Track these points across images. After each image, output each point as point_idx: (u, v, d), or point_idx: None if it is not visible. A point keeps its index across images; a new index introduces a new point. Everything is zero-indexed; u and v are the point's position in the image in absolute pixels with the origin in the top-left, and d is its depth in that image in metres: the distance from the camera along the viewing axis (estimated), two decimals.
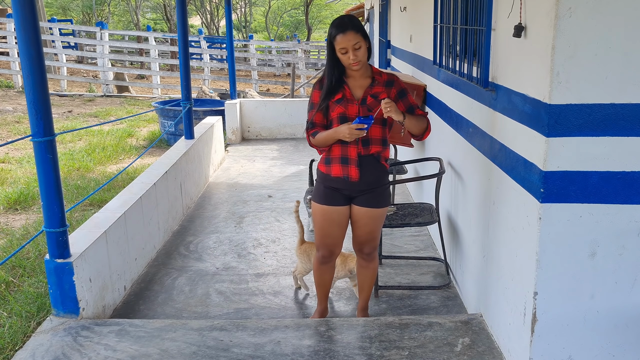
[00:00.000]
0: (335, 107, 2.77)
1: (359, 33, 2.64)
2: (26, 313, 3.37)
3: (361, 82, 2.80)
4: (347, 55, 2.66)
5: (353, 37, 2.63)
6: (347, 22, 2.66)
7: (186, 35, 5.51)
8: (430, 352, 2.68)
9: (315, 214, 2.93)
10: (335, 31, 2.65)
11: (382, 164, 2.86)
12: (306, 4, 30.53)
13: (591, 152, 2.15)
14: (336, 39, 2.65)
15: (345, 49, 2.64)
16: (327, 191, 2.86)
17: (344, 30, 2.63)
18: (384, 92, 2.78)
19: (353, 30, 2.64)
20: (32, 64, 2.67)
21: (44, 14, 18.07)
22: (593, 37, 2.04)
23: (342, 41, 2.63)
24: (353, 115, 2.76)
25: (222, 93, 12.38)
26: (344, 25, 2.65)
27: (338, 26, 2.65)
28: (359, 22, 2.70)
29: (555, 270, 2.27)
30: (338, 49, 2.66)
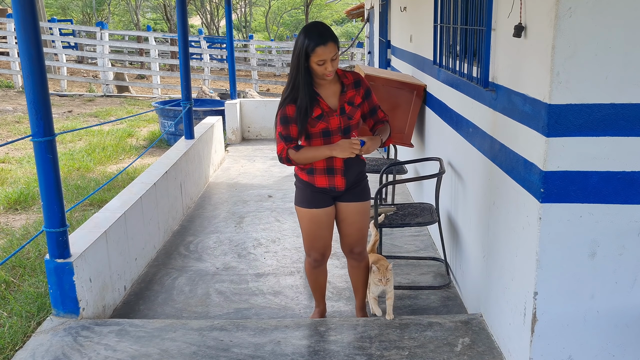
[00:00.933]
0: (317, 123, 2.71)
1: (335, 43, 2.58)
2: (26, 313, 3.37)
3: (332, 89, 2.75)
4: (323, 67, 2.58)
5: (333, 48, 2.56)
6: (326, 33, 2.57)
7: (186, 35, 5.51)
8: (430, 352, 2.68)
9: (303, 218, 2.89)
10: (314, 42, 2.54)
11: (361, 159, 2.87)
12: (306, 4, 30.52)
13: (591, 152, 2.15)
14: (315, 51, 2.54)
15: (323, 61, 2.57)
16: (313, 194, 2.83)
17: (325, 42, 2.54)
18: (355, 94, 2.78)
19: (332, 42, 2.56)
20: (32, 64, 2.67)
21: (44, 14, 18.07)
22: (593, 37, 2.04)
23: (323, 53, 2.55)
24: (335, 127, 2.73)
25: (222, 93, 12.37)
26: (325, 36, 2.55)
27: (319, 37, 2.55)
28: (333, 31, 2.62)
29: (555, 270, 2.27)
30: (316, 60, 2.57)
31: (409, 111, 4.70)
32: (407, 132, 4.77)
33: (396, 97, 4.68)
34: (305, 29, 2.62)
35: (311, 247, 2.95)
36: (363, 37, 13.53)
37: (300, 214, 2.91)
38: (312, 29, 2.60)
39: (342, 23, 42.89)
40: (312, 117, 2.70)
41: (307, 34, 2.58)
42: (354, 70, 2.83)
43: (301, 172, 2.84)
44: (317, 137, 2.73)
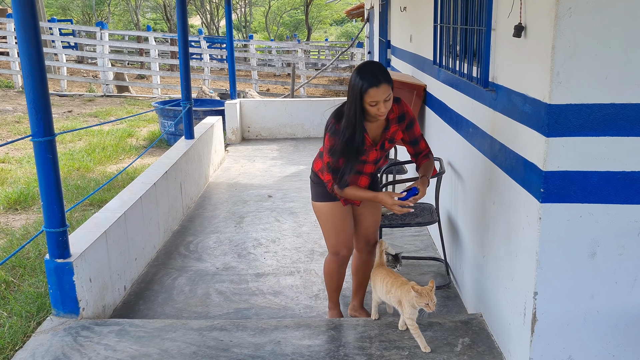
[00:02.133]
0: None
1: (389, 84, 2.55)
2: (26, 313, 3.37)
3: (378, 123, 2.75)
4: (376, 107, 2.56)
5: (386, 90, 2.53)
6: (380, 75, 2.53)
7: (186, 35, 5.51)
8: (430, 352, 2.68)
9: (326, 213, 2.94)
10: (368, 84, 2.51)
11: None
12: (306, 4, 30.52)
13: (591, 152, 2.15)
14: (368, 92, 2.51)
15: (376, 102, 2.54)
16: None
17: (378, 84, 2.51)
18: (398, 129, 2.77)
19: (386, 83, 2.53)
20: (32, 64, 2.67)
21: (44, 14, 18.07)
22: (593, 37, 2.04)
23: (376, 94, 2.52)
24: (372, 159, 2.80)
25: (222, 93, 12.38)
26: (378, 78, 2.52)
27: (372, 78, 2.51)
28: (388, 72, 2.59)
29: (555, 270, 2.27)
30: (369, 101, 2.54)
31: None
32: None
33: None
34: (360, 68, 2.59)
35: (339, 243, 2.98)
36: (363, 37, 13.53)
37: (322, 210, 2.95)
38: (365, 69, 2.56)
39: (342, 23, 42.89)
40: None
41: (361, 74, 2.54)
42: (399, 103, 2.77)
43: (322, 174, 2.88)
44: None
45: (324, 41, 32.43)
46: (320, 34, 41.48)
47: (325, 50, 26.62)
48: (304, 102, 8.72)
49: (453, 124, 3.70)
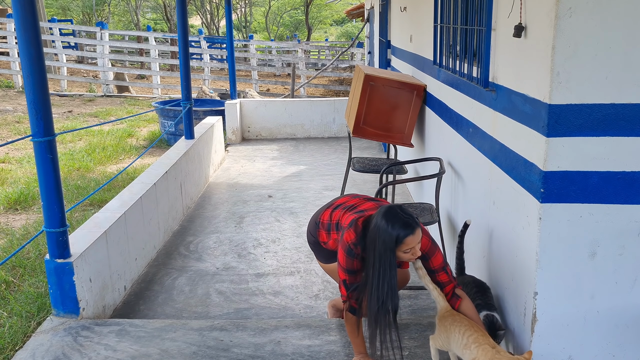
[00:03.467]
0: None
1: (421, 228, 2.39)
2: (26, 313, 3.37)
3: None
4: (410, 252, 2.37)
5: (419, 234, 2.37)
6: (413, 221, 2.36)
7: (186, 35, 5.51)
8: (430, 352, 2.68)
9: (333, 268, 2.83)
10: (404, 232, 2.31)
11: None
12: (306, 4, 30.52)
13: (591, 152, 2.15)
14: (405, 241, 2.32)
15: (411, 248, 2.36)
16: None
17: (413, 231, 2.33)
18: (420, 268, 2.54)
19: (419, 227, 2.37)
20: (32, 64, 2.67)
21: (44, 14, 18.07)
22: (593, 37, 2.04)
23: (412, 241, 2.34)
24: None
25: (222, 93, 12.37)
26: (412, 224, 2.34)
27: (406, 227, 2.32)
28: (413, 215, 2.41)
29: (555, 270, 2.27)
30: (404, 248, 2.34)
31: (409, 111, 4.71)
32: (407, 132, 4.77)
33: (396, 97, 4.68)
34: (387, 217, 2.35)
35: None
36: (363, 37, 13.53)
37: (330, 267, 2.90)
38: (396, 218, 2.34)
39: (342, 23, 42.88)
40: None
41: (394, 224, 2.32)
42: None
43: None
44: None
45: (324, 41, 32.42)
46: (321, 34, 41.47)
47: (325, 50, 26.63)
48: (304, 102, 8.71)
49: (453, 124, 3.70)
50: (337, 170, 6.58)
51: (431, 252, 2.48)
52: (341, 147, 7.87)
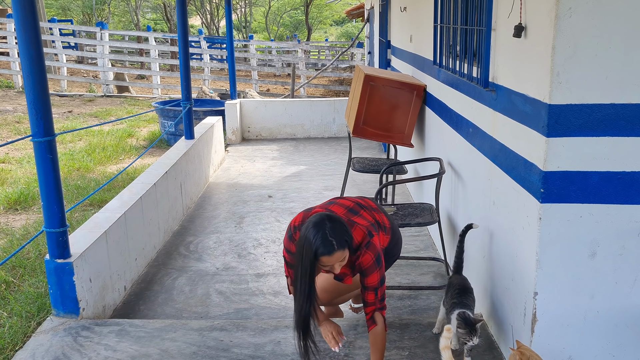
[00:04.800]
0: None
1: (345, 249, 2.28)
2: (26, 313, 3.37)
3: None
4: (327, 268, 2.34)
5: (338, 256, 2.26)
6: (337, 241, 2.24)
7: (186, 35, 5.51)
8: (430, 352, 2.68)
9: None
10: (321, 250, 2.22)
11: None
12: (306, 4, 30.53)
13: (591, 152, 2.15)
14: (321, 259, 2.25)
15: (328, 265, 2.30)
16: None
17: (331, 252, 2.23)
18: (347, 272, 2.55)
19: (340, 250, 2.25)
20: (32, 64, 2.67)
21: (44, 14, 18.07)
22: (593, 37, 2.04)
23: (327, 261, 2.27)
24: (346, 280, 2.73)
25: (222, 93, 12.37)
26: (331, 245, 2.22)
27: (325, 245, 2.22)
28: (343, 234, 2.28)
29: (555, 270, 2.27)
30: (322, 264, 2.28)
31: (409, 111, 4.71)
32: (407, 132, 4.77)
33: (396, 97, 4.68)
34: (314, 228, 2.26)
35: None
36: (363, 37, 13.53)
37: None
38: (317, 232, 2.24)
39: (342, 23, 42.89)
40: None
41: (311, 236, 2.25)
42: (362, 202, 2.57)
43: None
44: None
45: (324, 41, 32.42)
46: (321, 34, 41.47)
47: (325, 50, 26.63)
48: (304, 102, 8.71)
49: (453, 124, 3.70)
50: (337, 170, 6.58)
51: (369, 271, 2.38)
52: (341, 147, 7.87)
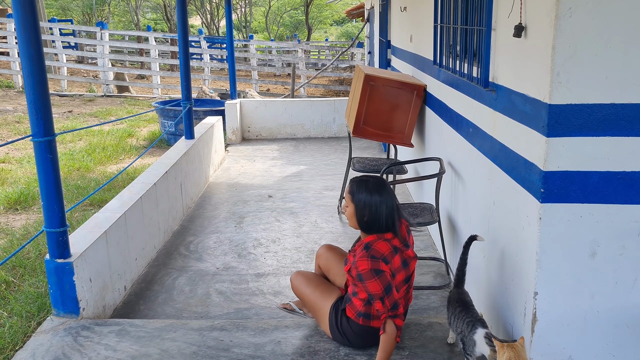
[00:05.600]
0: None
1: (349, 194, 2.64)
2: (26, 313, 3.37)
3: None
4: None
5: (345, 194, 2.68)
6: (353, 179, 2.69)
7: (186, 35, 5.51)
8: (430, 352, 2.68)
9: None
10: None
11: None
12: (306, 4, 30.53)
13: (591, 152, 2.15)
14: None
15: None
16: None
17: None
18: (351, 267, 2.59)
19: (347, 186, 2.67)
20: (32, 64, 2.67)
21: (44, 14, 18.07)
22: (593, 37, 2.04)
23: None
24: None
25: (222, 93, 12.37)
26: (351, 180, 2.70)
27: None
28: (359, 185, 2.63)
29: (555, 270, 2.27)
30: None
31: (409, 111, 4.71)
32: (407, 132, 4.77)
33: (396, 97, 4.68)
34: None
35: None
36: (363, 37, 13.54)
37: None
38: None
39: (342, 23, 42.89)
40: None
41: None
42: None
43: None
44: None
45: (324, 41, 32.43)
46: (321, 34, 41.47)
47: (325, 50, 26.63)
48: (304, 102, 8.71)
49: (453, 124, 3.70)
50: (337, 170, 6.58)
51: (365, 277, 2.49)
52: (341, 147, 7.87)
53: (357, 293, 2.65)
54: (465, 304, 2.59)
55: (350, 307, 2.69)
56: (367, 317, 2.64)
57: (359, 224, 2.62)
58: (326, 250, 3.08)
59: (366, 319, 2.64)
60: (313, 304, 2.89)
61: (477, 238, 2.73)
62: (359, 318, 2.65)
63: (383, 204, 2.58)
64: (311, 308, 2.92)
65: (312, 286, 2.92)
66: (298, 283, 2.98)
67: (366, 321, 2.65)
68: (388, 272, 2.51)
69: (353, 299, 2.67)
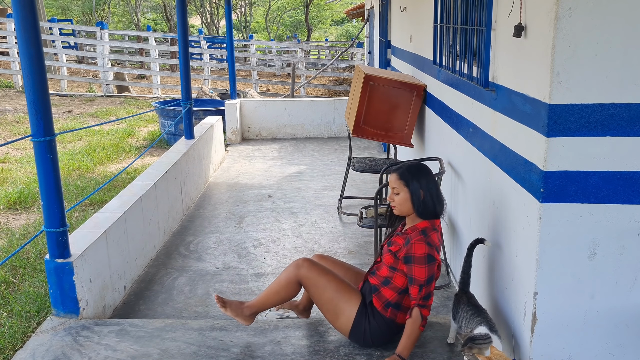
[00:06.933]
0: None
1: (401, 180, 2.63)
2: (26, 313, 3.37)
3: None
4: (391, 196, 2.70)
5: (394, 181, 2.66)
6: (399, 166, 2.70)
7: (186, 35, 5.51)
8: (430, 352, 2.68)
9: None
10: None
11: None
12: (306, 4, 30.53)
13: (591, 152, 2.15)
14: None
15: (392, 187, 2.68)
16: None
17: (391, 172, 2.71)
18: (401, 247, 2.59)
19: (396, 173, 2.66)
20: (32, 64, 2.67)
21: (44, 14, 18.07)
22: (593, 37, 2.04)
23: (390, 180, 2.70)
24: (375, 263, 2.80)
25: (222, 93, 12.37)
26: (394, 168, 2.71)
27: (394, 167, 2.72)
28: (410, 170, 2.64)
29: (555, 270, 2.27)
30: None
31: (409, 111, 4.71)
32: (407, 132, 4.77)
33: (396, 97, 4.68)
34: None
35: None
36: (363, 37, 13.54)
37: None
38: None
39: (342, 23, 42.88)
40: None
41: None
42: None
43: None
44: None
45: (324, 41, 32.42)
46: (320, 34, 41.47)
47: (325, 50, 26.63)
48: (304, 102, 8.71)
49: (453, 124, 3.70)
50: (337, 170, 6.58)
51: (418, 261, 2.52)
52: (341, 147, 7.87)
53: (390, 281, 2.62)
54: (477, 307, 2.57)
55: (378, 298, 2.65)
56: (397, 307, 2.63)
57: (416, 208, 2.61)
58: (320, 260, 2.99)
59: (395, 309, 2.63)
60: (336, 299, 2.69)
61: (485, 243, 2.70)
62: (387, 309, 2.63)
63: (436, 186, 2.66)
64: (330, 304, 2.70)
65: (336, 281, 2.72)
66: (315, 275, 2.73)
67: (394, 313, 2.63)
68: (438, 263, 2.55)
69: (382, 289, 2.64)
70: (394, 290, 2.62)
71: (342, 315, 2.69)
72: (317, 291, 2.72)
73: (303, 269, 2.74)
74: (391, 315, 2.64)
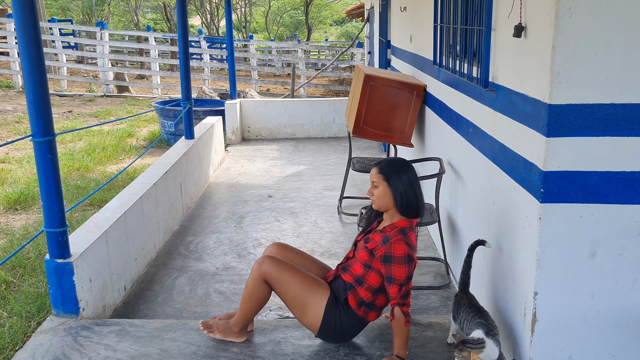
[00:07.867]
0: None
1: (380, 174, 2.60)
2: (26, 313, 3.37)
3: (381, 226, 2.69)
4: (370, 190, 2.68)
5: (373, 175, 2.64)
6: (380, 160, 2.70)
7: (186, 35, 5.51)
8: (430, 352, 2.68)
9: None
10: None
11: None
12: (306, 4, 30.53)
13: (591, 152, 2.15)
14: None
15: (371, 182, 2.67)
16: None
17: (372, 166, 2.71)
18: (378, 244, 2.55)
19: (376, 167, 2.64)
20: (32, 64, 2.67)
21: (44, 14, 18.07)
22: (593, 37, 2.04)
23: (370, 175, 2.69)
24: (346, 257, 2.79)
25: (222, 93, 12.37)
26: (375, 162, 2.74)
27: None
28: (390, 165, 2.62)
29: (555, 270, 2.27)
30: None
31: (409, 111, 4.71)
32: (407, 132, 4.77)
33: (396, 97, 4.68)
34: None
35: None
36: (363, 37, 13.54)
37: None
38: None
39: (342, 23, 42.88)
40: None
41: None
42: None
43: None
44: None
45: (324, 41, 32.42)
46: (320, 34, 41.47)
47: (325, 50, 26.63)
48: (304, 102, 8.72)
49: (453, 124, 3.70)
50: (337, 170, 6.58)
51: (398, 261, 2.49)
52: (341, 147, 7.87)
53: (363, 280, 2.60)
54: (478, 309, 2.56)
55: (353, 296, 2.62)
56: (370, 307, 2.63)
57: (399, 204, 2.57)
58: (281, 250, 2.86)
59: (368, 309, 2.63)
60: (302, 295, 2.61)
61: (486, 244, 2.69)
62: (360, 308, 2.62)
63: (417, 183, 2.63)
64: (296, 300, 2.62)
65: (301, 275, 2.64)
66: (278, 271, 2.62)
67: (366, 312, 2.63)
68: (415, 263, 2.55)
69: (358, 288, 2.62)
70: (369, 291, 2.61)
71: (310, 311, 2.62)
72: (282, 287, 2.62)
73: (264, 266, 2.64)
74: (363, 314, 2.65)
